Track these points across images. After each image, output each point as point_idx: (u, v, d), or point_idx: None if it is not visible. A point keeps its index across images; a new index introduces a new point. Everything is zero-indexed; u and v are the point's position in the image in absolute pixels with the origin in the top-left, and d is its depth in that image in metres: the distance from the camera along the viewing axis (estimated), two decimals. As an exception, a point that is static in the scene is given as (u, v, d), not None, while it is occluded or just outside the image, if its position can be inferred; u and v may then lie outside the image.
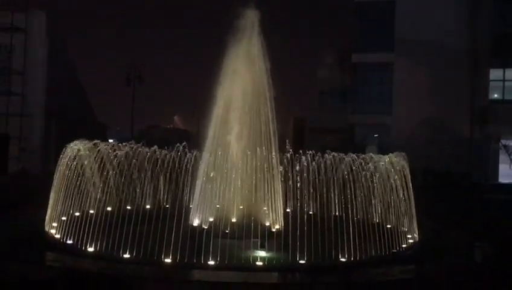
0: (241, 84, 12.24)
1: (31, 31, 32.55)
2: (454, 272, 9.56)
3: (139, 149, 12.13)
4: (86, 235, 9.64)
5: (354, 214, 11.53)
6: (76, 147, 11.35)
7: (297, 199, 12.23)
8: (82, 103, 41.04)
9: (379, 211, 12.04)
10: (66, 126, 32.24)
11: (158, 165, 12.22)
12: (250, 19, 12.33)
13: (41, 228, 10.93)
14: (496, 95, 32.79)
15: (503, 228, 14.11)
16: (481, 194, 25.41)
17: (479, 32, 31.99)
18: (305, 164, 11.61)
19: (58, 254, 9.32)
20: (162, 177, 12.74)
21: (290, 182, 12.14)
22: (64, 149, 11.50)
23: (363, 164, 11.77)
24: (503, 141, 29.87)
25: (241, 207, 11.34)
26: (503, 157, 30.21)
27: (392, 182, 11.48)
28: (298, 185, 11.92)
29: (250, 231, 9.66)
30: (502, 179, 30.53)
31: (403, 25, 32.99)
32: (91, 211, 10.90)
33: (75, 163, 11.13)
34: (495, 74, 32.25)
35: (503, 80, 32.49)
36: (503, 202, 22.71)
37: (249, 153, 11.33)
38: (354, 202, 11.75)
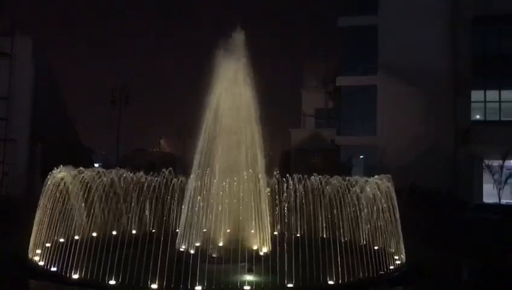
0: (228, 107, 12.28)
1: (16, 56, 32.47)
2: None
3: (124, 175, 12.05)
4: (70, 261, 9.50)
5: (341, 236, 11.54)
6: (61, 174, 11.24)
7: (284, 222, 12.22)
8: (67, 126, 40.76)
9: (366, 233, 12.07)
10: (51, 151, 31.92)
11: (144, 190, 12.14)
12: (237, 42, 12.42)
13: (25, 255, 10.75)
14: (478, 116, 33.25)
15: (488, 246, 14.20)
16: (466, 214, 25.59)
17: (460, 54, 32.64)
18: (292, 187, 11.63)
19: (41, 282, 9.17)
20: (148, 202, 12.65)
21: (277, 205, 12.13)
22: (48, 176, 11.40)
23: (349, 186, 11.83)
24: (486, 161, 30.15)
25: (228, 231, 11.27)
26: (487, 177, 30.47)
27: (378, 204, 11.55)
28: (285, 208, 11.92)
29: (238, 255, 9.61)
30: (486, 199, 30.76)
31: (385, 48, 33.66)
32: (76, 237, 10.76)
33: (59, 189, 11.02)
34: (476, 95, 32.77)
35: (485, 101, 33.06)
36: (487, 221, 22.90)
37: (235, 179, 11.30)
38: (341, 224, 11.76)
